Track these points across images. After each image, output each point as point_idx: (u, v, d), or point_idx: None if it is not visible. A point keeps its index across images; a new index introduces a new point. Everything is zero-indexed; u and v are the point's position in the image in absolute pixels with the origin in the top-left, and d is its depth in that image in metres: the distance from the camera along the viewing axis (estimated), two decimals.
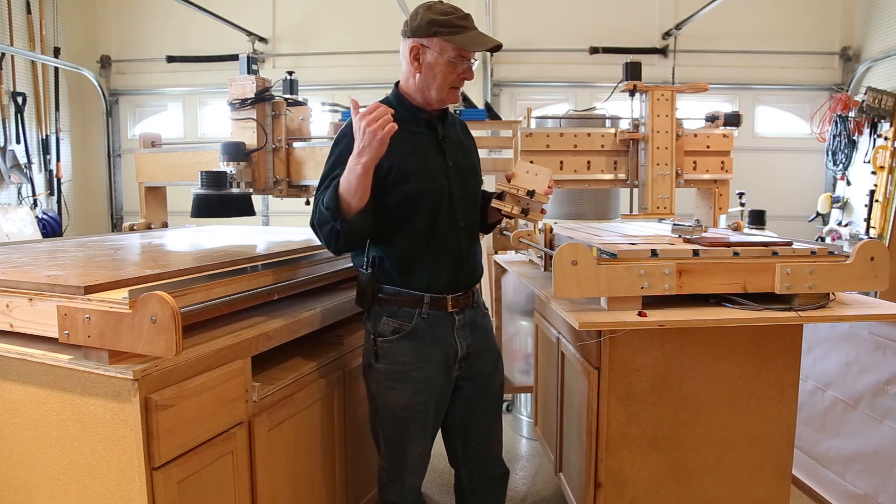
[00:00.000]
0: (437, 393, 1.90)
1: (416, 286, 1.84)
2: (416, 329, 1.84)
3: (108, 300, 1.43)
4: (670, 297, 1.83)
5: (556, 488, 2.96)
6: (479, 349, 1.96)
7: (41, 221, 5.24)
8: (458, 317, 1.89)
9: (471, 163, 1.99)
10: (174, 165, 3.01)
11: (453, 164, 1.89)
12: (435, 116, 1.90)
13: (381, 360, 1.87)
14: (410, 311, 1.84)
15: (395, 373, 1.86)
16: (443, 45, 1.76)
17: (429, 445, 1.96)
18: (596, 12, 5.51)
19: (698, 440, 2.00)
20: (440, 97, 1.83)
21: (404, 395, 1.86)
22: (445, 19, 1.75)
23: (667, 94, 2.53)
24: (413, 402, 1.86)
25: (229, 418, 1.67)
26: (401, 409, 1.87)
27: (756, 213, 3.76)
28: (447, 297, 1.86)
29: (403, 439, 1.90)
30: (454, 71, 1.79)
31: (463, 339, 1.91)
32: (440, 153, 1.88)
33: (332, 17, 5.69)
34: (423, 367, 1.85)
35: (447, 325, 1.88)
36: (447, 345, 1.88)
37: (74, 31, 5.87)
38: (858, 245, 1.82)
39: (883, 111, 4.63)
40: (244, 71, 2.73)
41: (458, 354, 1.90)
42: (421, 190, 1.80)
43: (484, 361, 1.99)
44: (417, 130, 1.86)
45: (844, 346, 2.67)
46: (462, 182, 1.91)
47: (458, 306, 1.89)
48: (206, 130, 6.04)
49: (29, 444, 1.54)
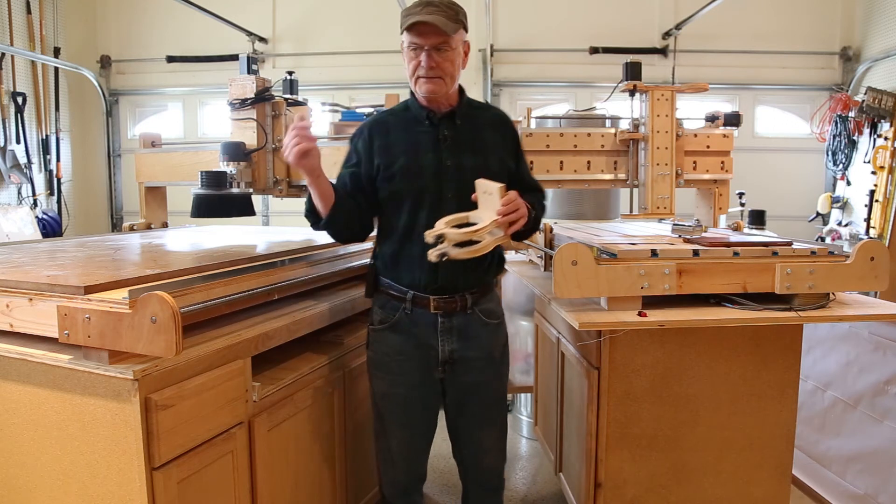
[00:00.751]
0: (419, 389, 1.91)
1: (401, 282, 1.89)
2: (399, 322, 1.90)
3: (108, 300, 1.43)
4: (670, 297, 1.83)
5: (556, 488, 2.96)
6: (468, 357, 1.89)
7: (41, 221, 5.23)
8: (443, 319, 1.87)
9: (484, 163, 1.84)
10: (174, 165, 3.01)
11: (453, 163, 1.82)
12: (441, 114, 1.86)
13: (370, 347, 1.99)
14: (397, 305, 1.90)
15: (377, 361, 1.96)
16: (405, 36, 1.80)
17: (413, 442, 1.96)
18: (596, 12, 5.50)
19: (698, 440, 2.00)
20: (415, 89, 1.85)
21: (383, 384, 1.94)
22: (405, 9, 1.79)
23: (667, 94, 2.53)
24: (390, 393, 1.93)
25: (229, 418, 1.67)
26: (380, 398, 1.96)
27: (756, 213, 3.76)
28: (429, 298, 1.86)
29: (383, 429, 1.97)
30: (413, 59, 1.79)
31: (446, 342, 1.88)
32: (436, 153, 1.83)
33: (332, 17, 5.69)
34: (402, 361, 1.90)
35: (429, 324, 1.88)
36: (428, 345, 1.89)
37: (74, 31, 5.87)
38: (858, 245, 1.82)
39: (883, 111, 4.63)
40: (244, 71, 2.73)
41: (440, 357, 1.89)
42: (400, 189, 1.83)
43: (473, 371, 1.91)
44: (419, 129, 1.87)
45: (844, 346, 2.67)
46: (459, 183, 1.81)
47: (441, 309, 1.86)
48: (206, 130, 6.04)
49: (29, 444, 1.54)
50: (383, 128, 1.90)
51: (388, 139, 1.87)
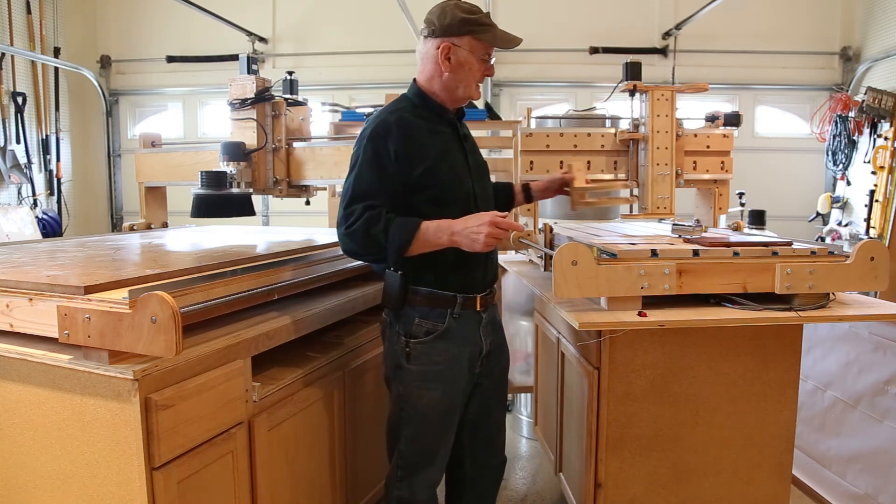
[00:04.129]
0: (463, 391, 1.93)
1: (450, 287, 1.84)
2: (449, 329, 1.84)
3: (108, 300, 1.43)
4: (670, 297, 1.83)
5: (556, 488, 2.96)
6: (498, 345, 2.02)
7: (41, 221, 5.24)
8: (484, 315, 1.93)
9: (483, 161, 2.04)
10: (174, 165, 3.01)
11: (473, 162, 1.94)
12: (454, 116, 1.94)
13: (412, 361, 1.85)
14: (443, 312, 1.84)
15: (427, 373, 1.85)
16: (473, 44, 1.81)
17: (451, 440, 1.97)
18: (596, 12, 5.51)
19: (698, 440, 2.00)
20: (467, 94, 1.88)
21: (436, 394, 1.86)
22: (476, 18, 1.80)
23: (667, 94, 2.53)
24: (443, 402, 1.88)
25: (229, 418, 1.67)
26: (431, 409, 1.87)
27: (756, 213, 3.77)
28: (476, 297, 1.88)
29: (434, 438, 1.90)
30: (483, 68, 1.86)
31: (486, 336, 1.94)
32: (462, 153, 1.91)
33: (332, 17, 5.69)
34: (454, 367, 1.87)
35: (475, 323, 1.91)
36: (474, 343, 1.91)
37: (74, 31, 5.87)
38: (858, 245, 1.82)
39: (883, 111, 4.63)
40: (244, 71, 2.73)
41: (482, 352, 1.94)
42: (451, 191, 1.83)
43: (502, 357, 2.06)
44: (443, 130, 1.88)
45: (844, 346, 2.67)
46: (481, 180, 1.97)
47: (484, 305, 1.92)
48: (206, 130, 6.05)
49: (29, 444, 1.53)
50: (412, 127, 1.81)
51: (421, 140, 1.81)
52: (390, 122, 1.79)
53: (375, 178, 1.76)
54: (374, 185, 1.75)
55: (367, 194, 1.75)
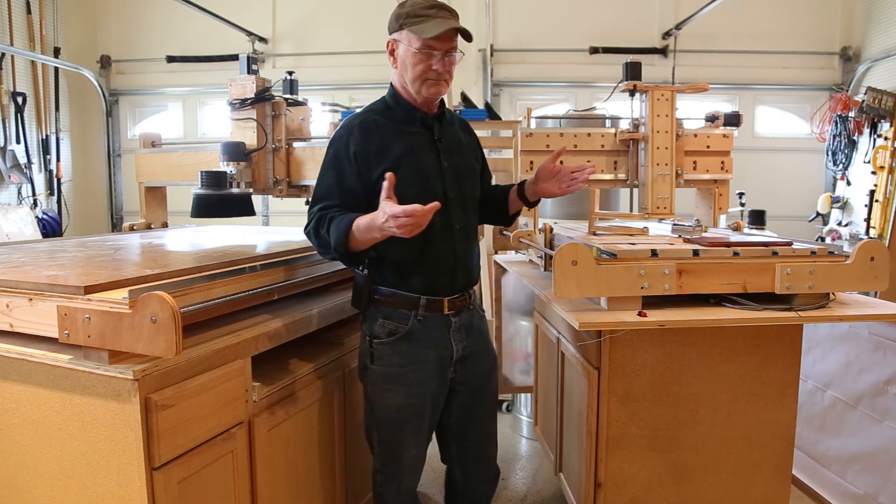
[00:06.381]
0: (433, 395, 1.89)
1: (413, 288, 1.83)
2: (412, 331, 1.83)
3: (108, 300, 1.43)
4: (670, 297, 1.83)
5: (556, 488, 2.96)
6: (475, 352, 1.96)
7: (41, 221, 5.23)
8: (455, 319, 1.89)
9: (468, 164, 1.96)
10: (174, 165, 3.01)
11: (448, 165, 1.87)
12: (431, 115, 1.88)
13: (376, 361, 1.86)
14: (406, 314, 1.83)
15: (390, 375, 1.85)
16: (409, 37, 1.75)
17: (424, 447, 1.95)
18: (596, 12, 5.50)
19: (698, 440, 2.00)
20: (416, 90, 1.79)
21: (399, 396, 1.85)
22: (410, 10, 1.74)
23: (667, 94, 2.53)
24: (408, 404, 1.85)
25: (229, 418, 1.67)
26: (395, 411, 1.86)
27: (756, 213, 3.76)
28: (443, 300, 1.85)
29: (398, 441, 1.89)
30: (424, 62, 1.75)
31: (458, 341, 1.90)
32: (435, 154, 1.86)
33: (332, 17, 5.69)
34: (419, 370, 1.85)
35: (443, 327, 1.87)
36: (443, 347, 1.88)
37: (74, 31, 5.87)
38: (858, 245, 1.82)
39: (883, 111, 4.63)
40: (244, 71, 2.73)
41: (454, 357, 1.90)
42: (413, 194, 1.71)
43: (479, 364, 1.98)
44: (413, 130, 1.85)
45: (844, 346, 2.67)
46: (458, 184, 1.88)
47: (454, 308, 1.88)
48: (206, 130, 6.04)
49: (29, 444, 1.54)
50: (373, 129, 1.81)
51: (383, 141, 1.80)
52: (353, 124, 1.82)
53: (334, 181, 1.80)
54: (332, 187, 1.79)
55: (324, 196, 1.80)
